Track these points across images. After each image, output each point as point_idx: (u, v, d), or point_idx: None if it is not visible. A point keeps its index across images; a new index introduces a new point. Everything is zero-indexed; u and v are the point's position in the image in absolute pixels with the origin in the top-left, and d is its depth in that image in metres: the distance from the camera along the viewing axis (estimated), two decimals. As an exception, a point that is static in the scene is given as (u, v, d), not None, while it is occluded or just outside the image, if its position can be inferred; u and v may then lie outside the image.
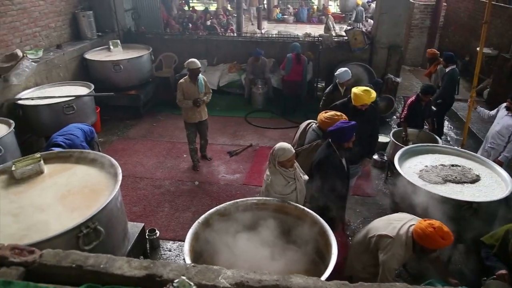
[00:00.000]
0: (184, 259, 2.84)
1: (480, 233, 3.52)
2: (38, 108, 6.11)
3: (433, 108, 6.43)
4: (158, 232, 4.71)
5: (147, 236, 4.50)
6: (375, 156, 6.05)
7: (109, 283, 1.38)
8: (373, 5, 16.38)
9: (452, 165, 4.30)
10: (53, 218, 3.01)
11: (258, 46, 9.01)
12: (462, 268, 4.33)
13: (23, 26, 6.96)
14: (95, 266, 1.44)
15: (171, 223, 5.11)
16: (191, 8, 17.39)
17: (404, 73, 10.96)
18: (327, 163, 3.81)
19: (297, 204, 3.47)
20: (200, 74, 5.92)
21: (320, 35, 9.27)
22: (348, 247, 4.04)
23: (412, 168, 4.32)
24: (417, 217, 3.33)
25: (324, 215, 3.38)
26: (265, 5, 21.43)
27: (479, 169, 4.27)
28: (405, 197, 3.89)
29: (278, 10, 21.78)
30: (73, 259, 1.47)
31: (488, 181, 4.06)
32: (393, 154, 4.83)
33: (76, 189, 3.37)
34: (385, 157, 6.10)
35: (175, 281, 1.32)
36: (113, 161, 3.60)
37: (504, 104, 5.15)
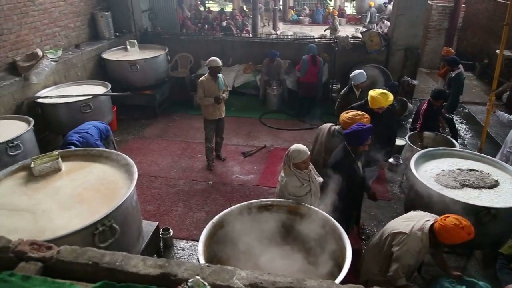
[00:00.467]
0: (197, 258, 2.85)
1: (499, 240, 3.44)
2: (56, 106, 6.22)
3: (448, 115, 6.31)
4: (171, 231, 4.74)
5: (160, 235, 4.54)
6: (391, 159, 5.98)
7: (124, 281, 1.39)
8: (389, 7, 16.22)
9: (470, 170, 4.22)
10: (69, 215, 3.06)
11: (274, 47, 9.01)
12: (478, 276, 4.24)
13: (43, 26, 7.10)
14: (111, 264, 1.45)
15: (185, 223, 5.13)
16: (206, 9, 17.49)
17: (421, 76, 10.82)
18: (342, 165, 3.79)
19: (312, 206, 3.45)
20: None
21: (336, 37, 9.22)
22: (362, 251, 4.00)
23: (429, 172, 4.25)
24: (431, 214, 3.30)
25: (339, 218, 3.36)
26: (281, 6, 21.39)
27: (498, 174, 4.18)
28: (420, 201, 3.84)
29: (293, 11, 21.73)
30: (90, 256, 1.49)
31: (507, 187, 3.96)
32: (409, 157, 4.76)
33: (93, 186, 3.42)
34: (401, 161, 6.03)
35: (190, 280, 1.32)
36: (129, 160, 3.64)
37: None
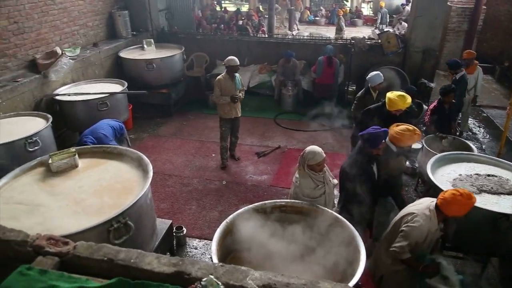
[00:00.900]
0: (210, 257, 2.85)
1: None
2: (74, 104, 6.31)
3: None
4: (185, 230, 4.77)
5: (174, 233, 4.56)
6: (407, 163, 5.89)
7: (138, 278, 1.40)
8: (407, 8, 16.01)
9: (488, 175, 4.13)
10: (85, 211, 3.10)
11: (289, 47, 8.99)
12: (496, 283, 4.16)
13: (63, 25, 7.22)
14: (126, 261, 1.46)
15: (198, 222, 5.16)
16: (223, 9, 17.55)
17: (439, 78, 10.64)
18: (355, 168, 3.76)
19: (326, 208, 3.43)
20: None
21: (352, 38, 9.13)
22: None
23: (445, 177, 4.18)
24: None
25: (352, 220, 3.33)
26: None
27: (517, 180, 4.08)
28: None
29: (309, 12, 21.63)
30: (105, 252, 1.50)
31: (527, 193, 3.87)
32: (425, 161, 4.69)
33: (108, 183, 3.45)
34: (416, 164, 5.94)
35: (203, 279, 1.33)
36: (145, 158, 3.66)
37: None
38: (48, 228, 2.82)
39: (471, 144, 5.54)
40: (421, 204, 3.31)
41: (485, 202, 3.69)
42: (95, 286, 1.33)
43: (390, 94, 4.59)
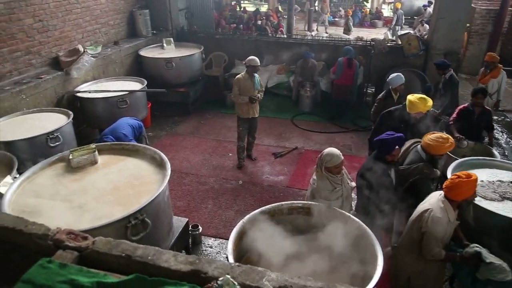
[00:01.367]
0: (226, 257, 2.85)
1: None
2: (94, 101, 6.42)
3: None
4: (200, 228, 4.79)
5: (190, 231, 4.59)
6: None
7: (155, 275, 1.41)
8: (429, 9, 15.73)
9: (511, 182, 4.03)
10: (104, 207, 3.14)
11: (308, 48, 8.94)
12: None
13: (85, 23, 7.36)
14: (143, 257, 1.47)
15: (214, 220, 5.17)
16: (242, 9, 17.59)
17: (460, 82, 10.43)
18: (371, 173, 3.70)
19: (343, 211, 3.39)
20: None
21: (372, 39, 9.02)
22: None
23: (466, 182, 4.08)
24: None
25: (370, 225, 3.29)
26: (316, 8, 21.18)
27: (543, 188, 3.96)
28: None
29: (328, 13, 21.45)
30: (123, 248, 1.51)
31: (551, 201, 3.75)
32: (445, 166, 4.58)
33: (127, 180, 3.49)
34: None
35: (220, 279, 1.32)
36: (163, 156, 3.69)
37: None
38: (67, 223, 2.86)
39: (494, 150, 5.39)
40: (432, 199, 3.34)
41: (508, 209, 3.59)
42: (113, 282, 1.34)
43: (410, 97, 4.52)
